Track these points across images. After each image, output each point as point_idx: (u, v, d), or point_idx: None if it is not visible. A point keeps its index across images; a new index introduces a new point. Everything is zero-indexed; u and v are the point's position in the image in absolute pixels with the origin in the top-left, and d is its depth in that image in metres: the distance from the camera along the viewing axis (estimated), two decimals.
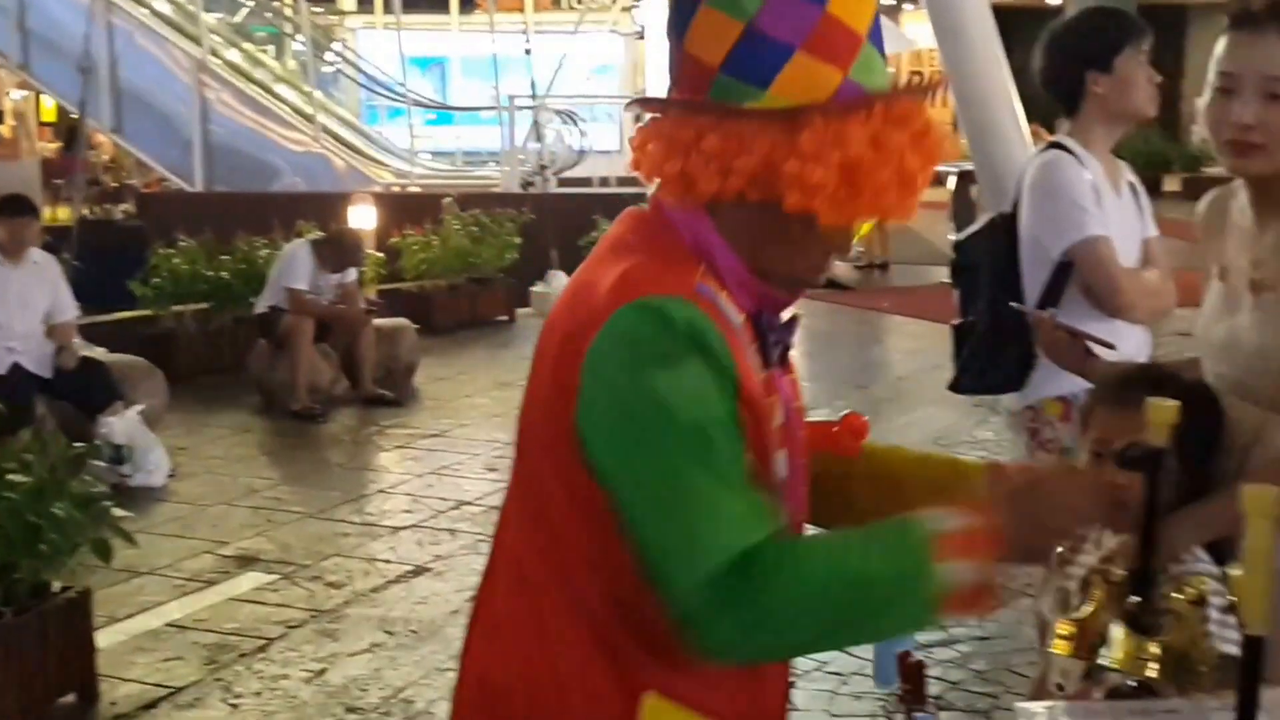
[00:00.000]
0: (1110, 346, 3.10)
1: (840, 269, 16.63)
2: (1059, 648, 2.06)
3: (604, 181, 18.92)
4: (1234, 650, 2.20)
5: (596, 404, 1.72)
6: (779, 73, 1.70)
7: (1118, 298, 3.79)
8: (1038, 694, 2.52)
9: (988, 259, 4.13)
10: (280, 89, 19.96)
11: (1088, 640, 2.01)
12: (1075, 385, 3.82)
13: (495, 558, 1.94)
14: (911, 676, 2.05)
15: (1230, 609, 2.22)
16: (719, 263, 1.80)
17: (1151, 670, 1.96)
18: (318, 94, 19.81)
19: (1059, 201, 3.89)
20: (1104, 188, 3.92)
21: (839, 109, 1.70)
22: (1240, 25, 2.53)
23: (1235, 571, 1.55)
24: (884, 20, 1.86)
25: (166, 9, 19.78)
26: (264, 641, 5.72)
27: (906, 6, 30.09)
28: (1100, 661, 2.00)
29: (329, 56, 23.78)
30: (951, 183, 16.59)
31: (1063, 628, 2.06)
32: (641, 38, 25.05)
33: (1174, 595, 2.04)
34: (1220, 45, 2.55)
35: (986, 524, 1.68)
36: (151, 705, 5.13)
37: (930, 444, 8.69)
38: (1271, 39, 2.48)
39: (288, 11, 22.77)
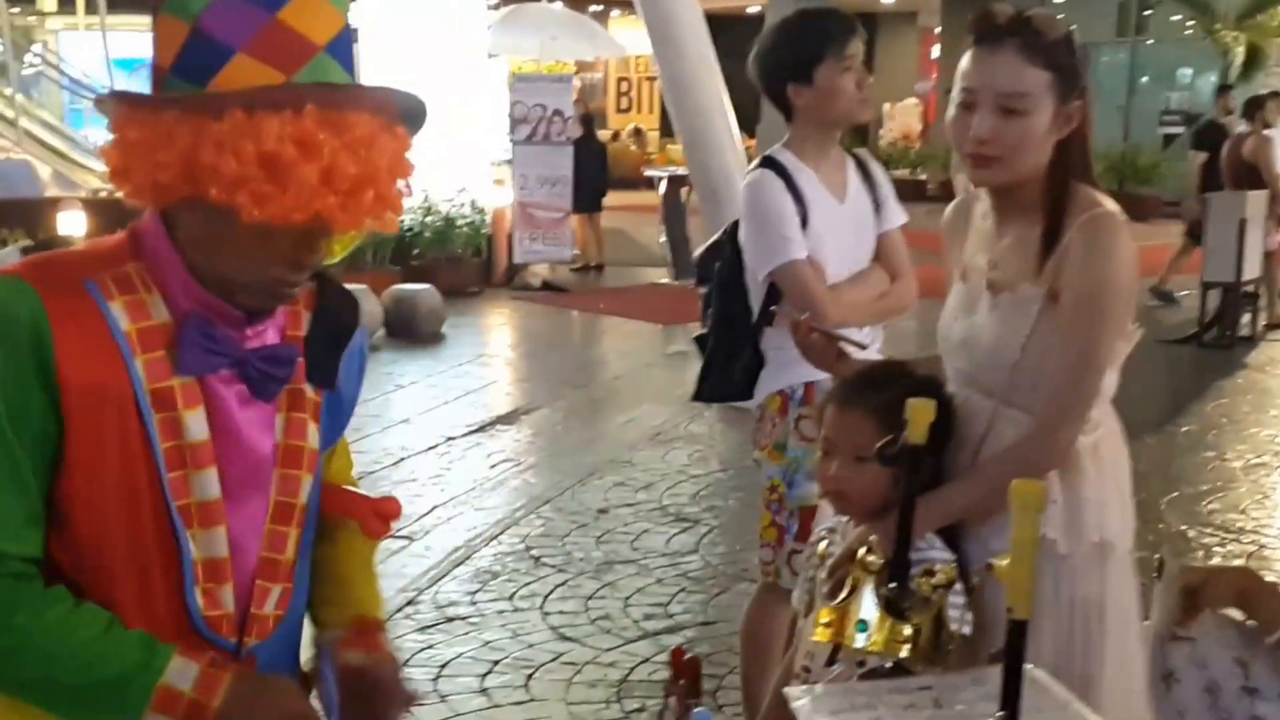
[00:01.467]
0: (862, 347, 3.14)
1: (557, 272, 16.72)
2: (820, 635, 2.08)
3: None
4: (969, 631, 2.27)
5: None
6: (218, 72, 1.67)
7: (819, 320, 3.73)
8: (785, 677, 2.54)
9: (717, 271, 4.16)
10: None
11: (846, 626, 2.03)
12: (793, 379, 3.90)
13: None
14: (687, 671, 2.03)
15: (967, 593, 2.28)
16: (160, 264, 1.78)
17: (905, 651, 1.99)
18: (20, 97, 18.80)
19: (761, 227, 3.90)
20: (819, 198, 3.91)
21: (261, 102, 1.66)
22: (981, 41, 2.57)
23: (1001, 561, 1.57)
24: (594, 25, 1.86)
25: None
26: None
27: (614, 12, 30.40)
28: (857, 645, 2.03)
29: (29, 58, 22.66)
30: (663, 187, 16.82)
31: (824, 615, 2.07)
32: (355, 41, 24.77)
33: (922, 581, 2.08)
34: (964, 60, 2.60)
35: (206, 702, 1.73)
36: None
37: (649, 440, 8.79)
38: (1008, 55, 2.53)
39: None
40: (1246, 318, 12.73)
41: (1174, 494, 7.51)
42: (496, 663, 5.26)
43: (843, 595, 2.04)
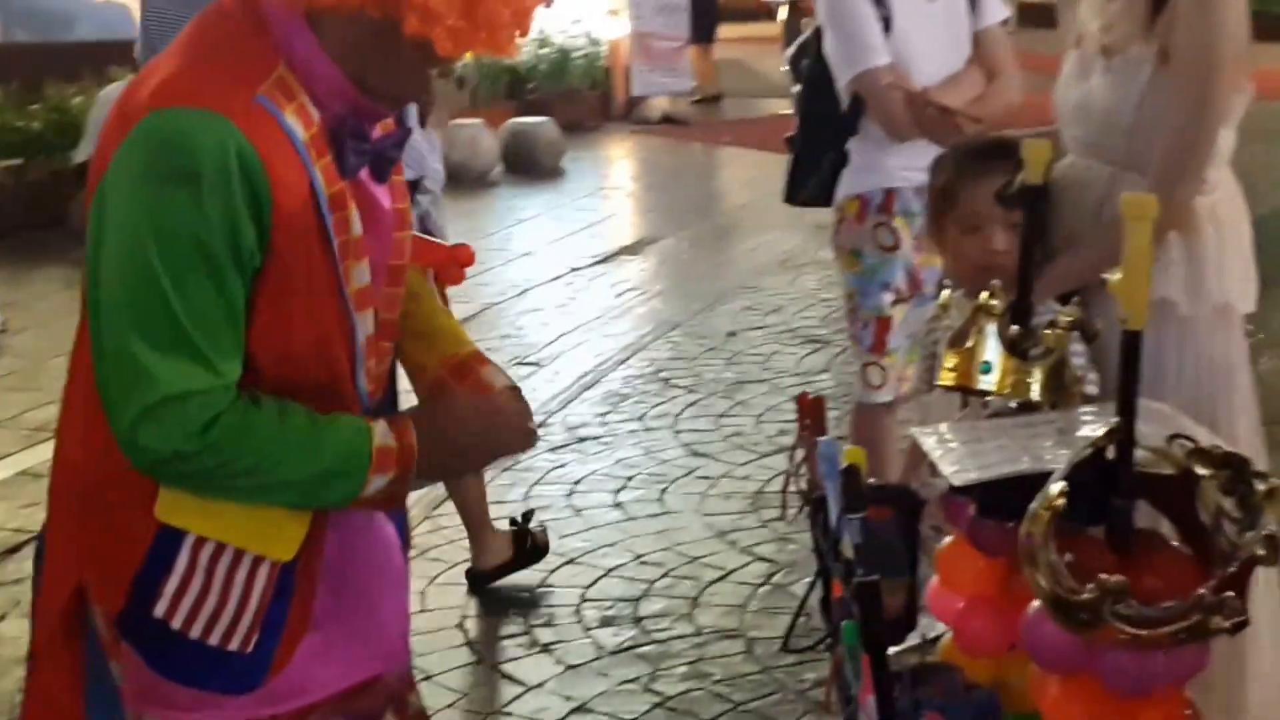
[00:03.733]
0: (978, 121, 3.25)
1: (677, 104, 16.77)
2: (945, 378, 2.25)
3: None
4: (1094, 390, 2.43)
5: (106, 189, 1.79)
6: None
7: (892, 129, 3.89)
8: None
9: (805, 70, 4.25)
10: None
11: (972, 369, 2.20)
12: (873, 184, 4.00)
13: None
14: (812, 411, 2.21)
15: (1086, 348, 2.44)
16: (310, 68, 1.84)
17: (1030, 392, 2.16)
18: None
19: (840, 33, 3.98)
20: None
21: None
22: None
23: (1114, 276, 1.73)
24: None
25: None
26: None
27: None
28: (982, 386, 2.20)
29: None
30: (783, 14, 16.72)
31: (949, 359, 2.25)
32: None
33: (1046, 333, 2.24)
34: None
35: (408, 443, 1.90)
36: (16, 549, 5.16)
37: (777, 265, 8.95)
38: None
39: None
40: None
41: None
42: (630, 479, 5.53)
43: (968, 343, 2.21)
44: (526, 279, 8.79)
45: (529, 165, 12.79)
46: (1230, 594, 1.64)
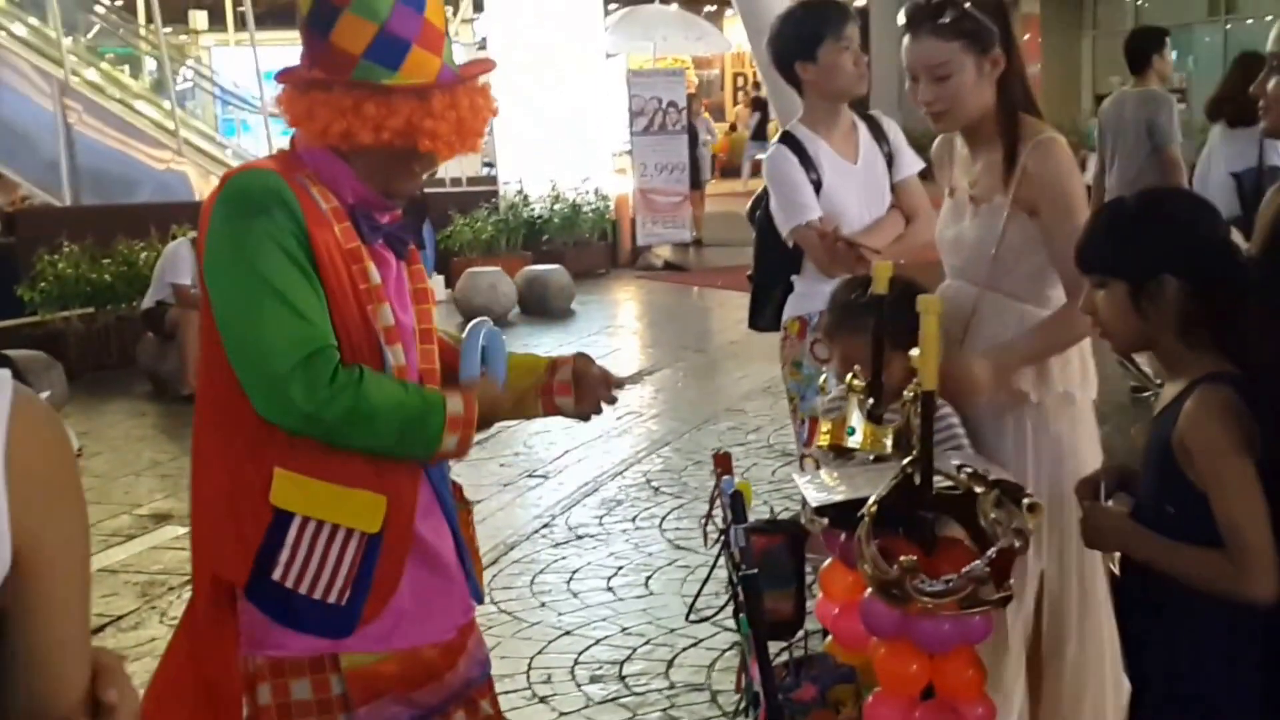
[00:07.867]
0: (877, 252, 3.87)
1: (677, 252, 17.52)
2: (822, 440, 2.83)
3: (455, 181, 19.49)
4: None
5: (207, 247, 2.43)
6: (404, 60, 2.41)
7: (821, 267, 4.49)
8: None
9: (758, 219, 4.90)
10: (140, 105, 20.11)
11: (840, 433, 2.78)
12: (812, 308, 4.60)
13: None
14: (723, 463, 2.80)
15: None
16: (335, 178, 2.49)
17: (885, 447, 2.74)
18: (179, 110, 20.01)
19: (778, 194, 4.60)
20: (832, 163, 4.56)
21: (450, 85, 2.45)
22: (908, 29, 3.27)
23: (914, 352, 2.32)
24: (703, 24, 2.68)
25: (22, 31, 19.70)
26: (189, 577, 6.28)
27: (728, 11, 31.03)
28: (849, 444, 2.78)
29: (184, 73, 23.96)
30: None
31: (825, 426, 2.83)
32: (483, 48, 25.72)
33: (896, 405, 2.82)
34: (903, 47, 3.30)
35: (472, 400, 2.52)
36: (98, 630, 5.70)
37: (761, 391, 9.53)
38: (925, 38, 3.22)
39: (143, 31, 22.88)
40: None
41: None
42: (620, 568, 6.08)
43: (839, 415, 2.79)
44: None
45: (543, 307, 13.49)
46: (991, 571, 2.21)
